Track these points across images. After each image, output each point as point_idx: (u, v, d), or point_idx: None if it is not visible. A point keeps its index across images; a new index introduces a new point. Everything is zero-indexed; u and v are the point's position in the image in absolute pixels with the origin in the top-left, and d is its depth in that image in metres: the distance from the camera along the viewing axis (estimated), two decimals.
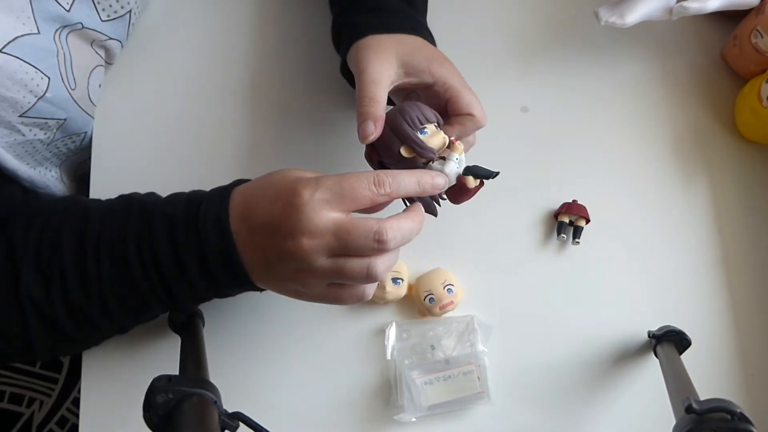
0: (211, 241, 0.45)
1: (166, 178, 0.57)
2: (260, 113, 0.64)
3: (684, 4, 0.59)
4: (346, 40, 0.55)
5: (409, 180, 0.45)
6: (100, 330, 0.52)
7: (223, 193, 0.47)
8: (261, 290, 0.49)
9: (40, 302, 0.47)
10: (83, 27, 0.57)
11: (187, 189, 0.51)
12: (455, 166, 0.48)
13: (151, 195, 0.51)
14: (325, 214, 0.43)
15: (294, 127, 0.64)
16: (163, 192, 0.51)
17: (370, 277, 0.44)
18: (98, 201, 0.52)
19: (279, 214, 0.43)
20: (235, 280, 0.47)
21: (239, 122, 0.64)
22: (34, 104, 0.52)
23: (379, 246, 0.43)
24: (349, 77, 0.56)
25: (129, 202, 0.50)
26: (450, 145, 0.49)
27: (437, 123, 0.50)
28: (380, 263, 0.44)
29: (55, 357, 1.01)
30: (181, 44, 0.66)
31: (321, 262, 0.44)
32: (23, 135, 0.54)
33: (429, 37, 0.57)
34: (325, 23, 0.59)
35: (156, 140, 0.63)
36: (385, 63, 0.51)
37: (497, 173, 0.48)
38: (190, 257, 0.46)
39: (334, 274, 0.45)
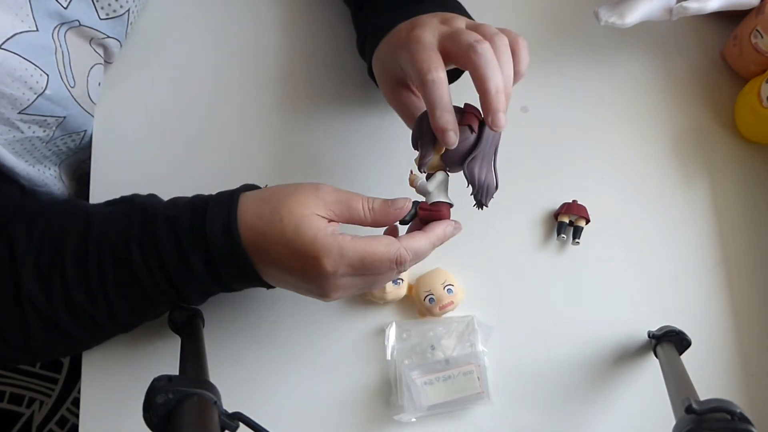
0: (220, 245, 0.45)
1: (167, 179, 0.57)
2: (260, 113, 0.64)
3: (684, 4, 0.59)
4: (370, 43, 0.55)
5: (426, 247, 0.47)
6: (105, 331, 0.52)
7: (231, 199, 0.47)
8: (270, 287, 0.50)
9: (41, 307, 0.47)
10: (81, 25, 0.56)
11: (187, 189, 0.50)
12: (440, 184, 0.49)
13: (152, 197, 0.51)
14: (347, 279, 0.46)
15: (293, 127, 0.64)
16: (164, 192, 0.51)
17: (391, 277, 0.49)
18: (99, 205, 0.52)
19: (299, 272, 0.45)
20: (245, 278, 0.48)
21: (239, 122, 0.64)
22: (33, 101, 0.52)
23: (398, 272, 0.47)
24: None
25: (131, 206, 0.49)
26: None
27: None
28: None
29: (56, 358, 1.01)
30: (181, 44, 0.66)
31: (341, 283, 0.46)
32: (22, 132, 0.54)
33: (436, 7, 0.53)
34: (326, 23, 0.59)
35: (156, 140, 0.63)
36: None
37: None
38: (197, 259, 0.46)
39: (354, 289, 0.48)
